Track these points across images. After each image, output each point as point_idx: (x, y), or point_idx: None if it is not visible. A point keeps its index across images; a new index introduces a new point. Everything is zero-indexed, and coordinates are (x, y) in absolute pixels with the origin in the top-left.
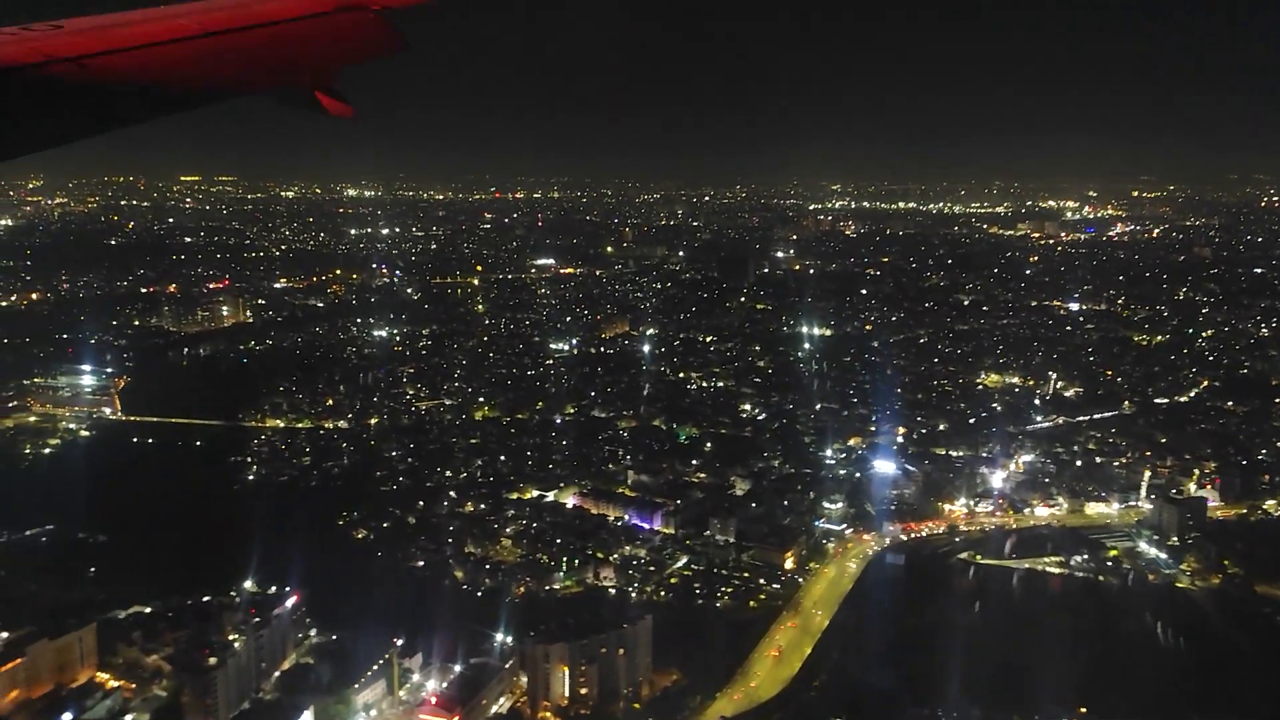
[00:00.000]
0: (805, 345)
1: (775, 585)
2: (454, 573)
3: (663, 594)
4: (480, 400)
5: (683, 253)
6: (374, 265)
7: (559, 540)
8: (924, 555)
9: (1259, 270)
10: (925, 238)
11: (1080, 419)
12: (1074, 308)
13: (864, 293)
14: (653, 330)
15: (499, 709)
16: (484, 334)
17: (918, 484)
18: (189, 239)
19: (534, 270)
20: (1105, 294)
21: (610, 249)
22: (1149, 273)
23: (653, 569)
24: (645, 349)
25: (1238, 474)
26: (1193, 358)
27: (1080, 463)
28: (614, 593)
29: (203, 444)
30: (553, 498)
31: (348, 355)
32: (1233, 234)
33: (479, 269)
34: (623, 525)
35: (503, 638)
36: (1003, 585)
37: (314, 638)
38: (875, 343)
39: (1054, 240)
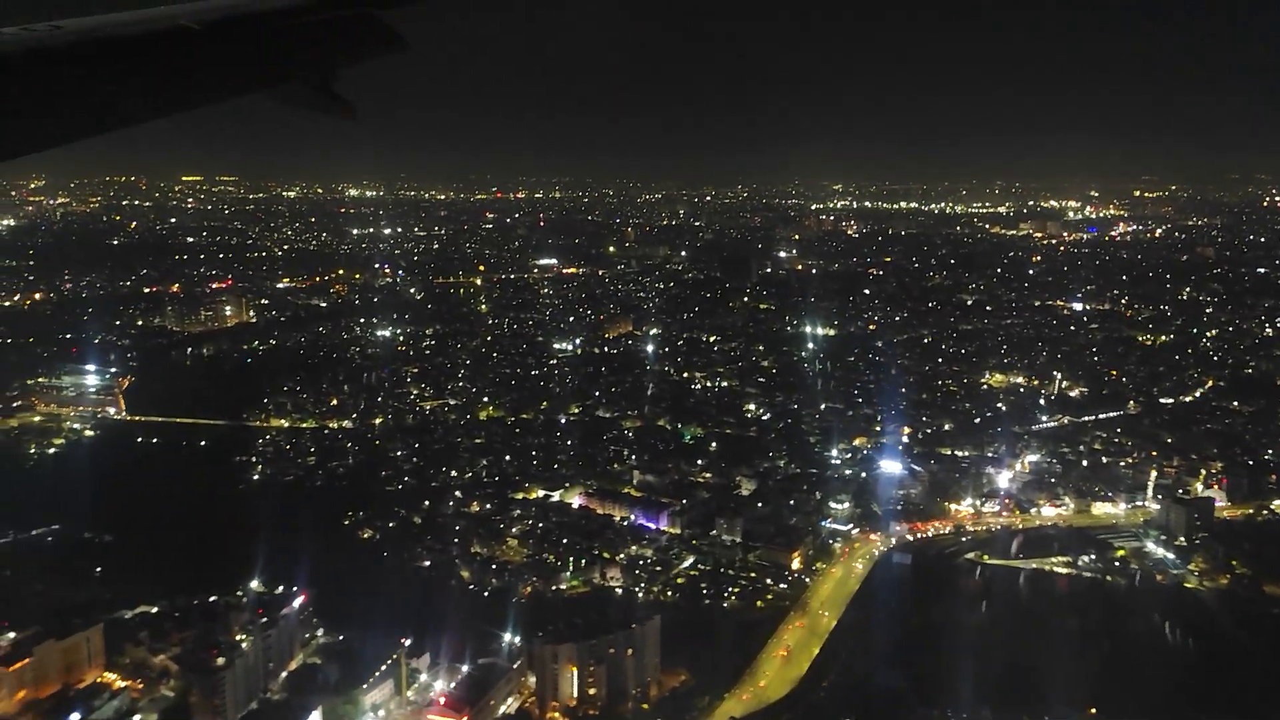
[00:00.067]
0: (809, 345)
1: (782, 585)
2: (460, 573)
3: (670, 594)
4: (485, 400)
5: (685, 253)
6: (376, 265)
7: (565, 540)
8: (931, 555)
9: (1262, 270)
10: (927, 237)
11: (1085, 419)
12: (1078, 308)
13: (867, 292)
14: (656, 330)
15: (507, 709)
16: (487, 334)
17: (924, 484)
18: (191, 239)
19: (537, 270)
20: (1109, 294)
21: (613, 249)
22: (1152, 273)
23: (659, 569)
24: (649, 349)
25: (1244, 474)
26: (1197, 358)
27: (1086, 463)
28: (621, 593)
29: (207, 444)
30: (558, 498)
31: (351, 355)
32: (1235, 234)
33: (481, 269)
34: (629, 525)
35: (510, 638)
36: (1010, 585)
37: (321, 638)
38: (879, 342)
39: (1056, 240)
